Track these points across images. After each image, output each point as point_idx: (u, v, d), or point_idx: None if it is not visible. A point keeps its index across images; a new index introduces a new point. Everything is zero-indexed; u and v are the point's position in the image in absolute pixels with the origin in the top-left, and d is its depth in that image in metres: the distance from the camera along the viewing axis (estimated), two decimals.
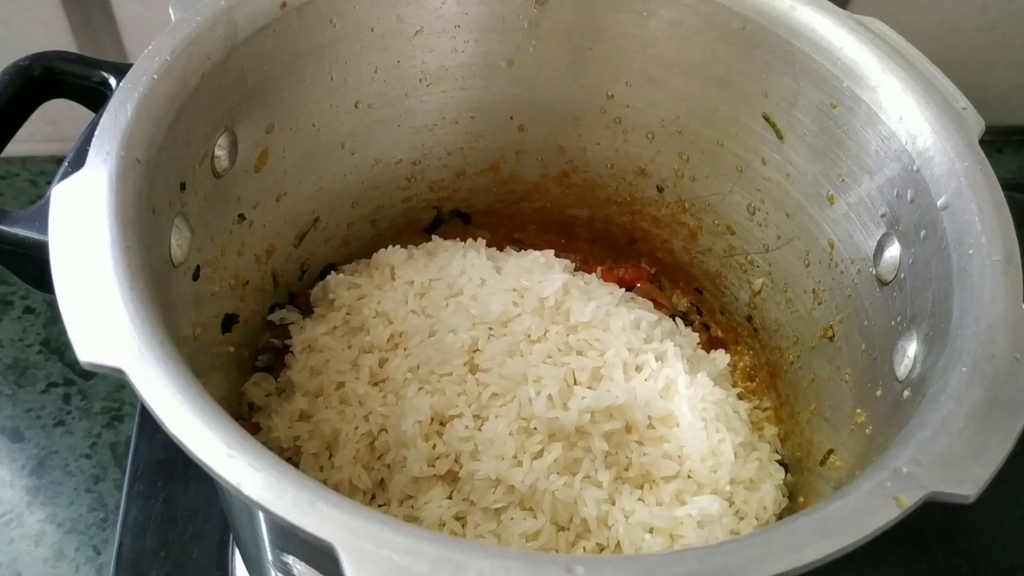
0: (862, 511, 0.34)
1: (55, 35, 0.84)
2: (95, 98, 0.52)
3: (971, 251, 0.44)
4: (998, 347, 0.39)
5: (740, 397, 0.64)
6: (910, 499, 0.34)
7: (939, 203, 0.46)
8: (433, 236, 0.68)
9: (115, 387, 0.79)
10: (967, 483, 0.35)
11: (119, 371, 0.35)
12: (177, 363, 0.36)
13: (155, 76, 0.45)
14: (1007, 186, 0.79)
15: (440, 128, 0.65)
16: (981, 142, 1.01)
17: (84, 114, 0.53)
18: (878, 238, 0.52)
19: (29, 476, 0.75)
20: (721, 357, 0.63)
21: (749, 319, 0.66)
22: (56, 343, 0.82)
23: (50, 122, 0.85)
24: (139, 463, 0.71)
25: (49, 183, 0.90)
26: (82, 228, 0.39)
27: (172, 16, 0.48)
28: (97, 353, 0.36)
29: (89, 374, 0.80)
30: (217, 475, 0.33)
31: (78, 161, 0.43)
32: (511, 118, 0.66)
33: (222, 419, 0.35)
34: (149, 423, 0.73)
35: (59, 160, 0.90)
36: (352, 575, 0.31)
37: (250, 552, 0.54)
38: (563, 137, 0.67)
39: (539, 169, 0.69)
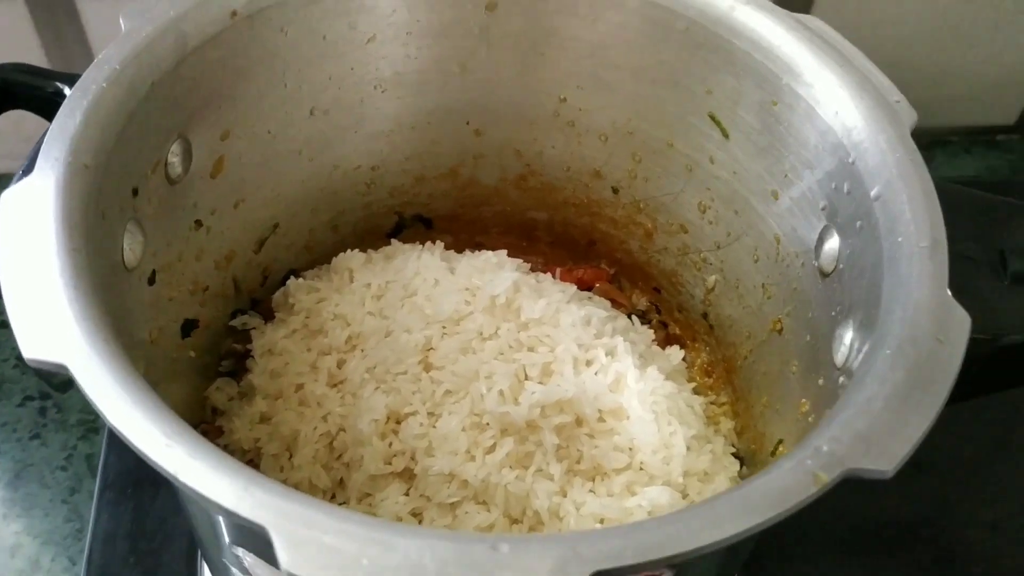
0: (782, 488, 0.35)
1: (25, 49, 0.85)
2: (51, 109, 0.53)
3: (900, 239, 0.45)
4: (921, 330, 0.41)
5: (698, 392, 0.65)
6: (829, 475, 0.36)
7: (872, 194, 0.48)
8: (393, 241, 0.69)
9: None
10: (885, 459, 0.36)
11: (62, 367, 0.37)
12: (120, 359, 0.38)
13: (104, 84, 0.46)
14: (974, 184, 0.81)
15: (397, 134, 0.66)
16: (949, 142, 1.03)
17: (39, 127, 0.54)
18: (819, 231, 0.53)
19: (5, 489, 0.75)
20: (675, 353, 0.64)
21: (705, 316, 0.67)
22: None
23: (25, 139, 0.86)
24: (109, 472, 0.72)
25: None
26: (29, 231, 0.40)
27: (122, 26, 0.50)
28: (41, 349, 0.37)
29: (65, 387, 0.81)
30: (155, 463, 0.34)
31: (31, 169, 0.44)
32: (467, 123, 0.67)
33: (161, 411, 0.36)
34: None
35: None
36: (283, 556, 0.32)
37: (209, 551, 0.55)
38: (519, 141, 0.68)
39: (498, 173, 0.70)
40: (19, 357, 0.82)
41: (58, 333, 0.38)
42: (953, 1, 0.93)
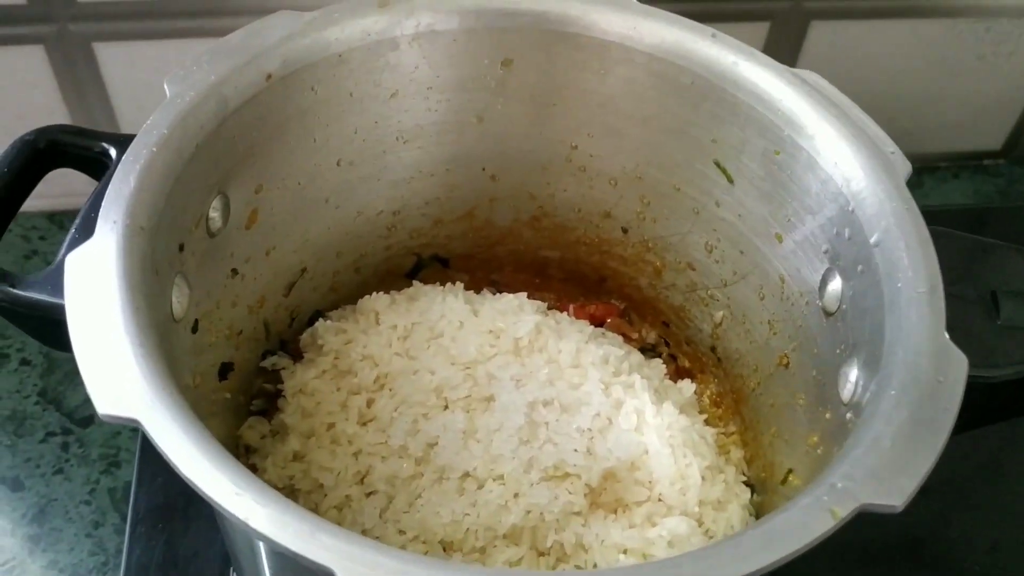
0: (801, 523, 0.38)
1: (44, 94, 0.88)
2: (96, 167, 0.56)
3: (900, 284, 0.48)
4: (923, 371, 0.44)
5: (707, 423, 0.68)
6: (844, 511, 0.39)
7: (872, 240, 0.51)
8: (415, 281, 0.72)
9: (111, 434, 0.82)
10: (895, 495, 0.39)
11: (135, 421, 0.39)
12: (184, 411, 0.40)
13: (154, 149, 0.49)
14: (965, 210, 0.84)
15: (417, 181, 0.69)
16: (938, 167, 1.06)
17: (70, 173, 0.58)
18: (822, 273, 0.56)
19: (30, 524, 0.77)
20: (687, 386, 0.67)
21: (713, 349, 0.70)
22: (53, 393, 0.85)
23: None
24: (140, 507, 0.74)
25: (41, 238, 0.94)
26: (94, 292, 0.43)
27: (167, 91, 0.53)
28: (114, 406, 0.40)
29: (86, 422, 0.83)
30: (227, 512, 0.37)
31: (84, 228, 0.47)
32: (483, 169, 0.70)
33: (228, 461, 0.39)
34: (148, 468, 0.75)
35: (48, 215, 0.95)
36: None
37: None
38: (533, 185, 0.71)
39: (512, 215, 0.74)
40: (40, 393, 0.85)
41: (128, 389, 0.40)
42: (939, 34, 0.97)
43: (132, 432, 0.81)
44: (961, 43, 0.98)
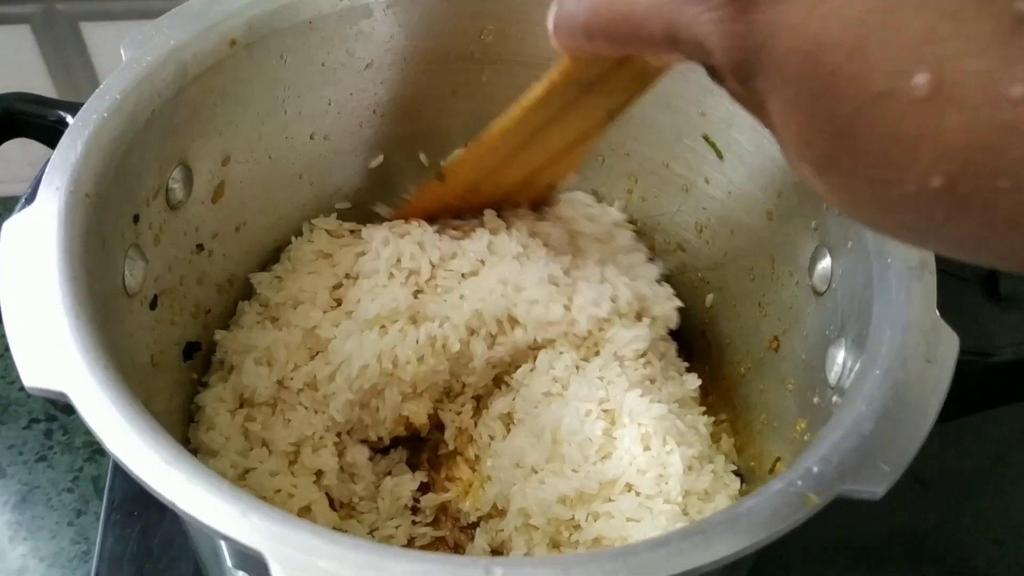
0: (773, 510, 0.36)
1: (31, 75, 0.87)
2: (54, 136, 0.54)
3: (889, 259, 0.45)
4: (910, 350, 0.41)
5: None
6: (820, 497, 0.36)
7: None
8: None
9: None
10: (875, 481, 0.37)
11: (62, 395, 0.37)
12: (119, 387, 0.38)
13: (105, 114, 0.47)
14: None
15: (397, 156, 0.67)
16: None
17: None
18: (812, 250, 0.54)
19: (11, 511, 0.75)
20: (692, 380, 0.63)
21: (703, 334, 0.68)
22: None
23: (30, 163, 0.87)
24: (116, 495, 0.72)
25: None
26: (30, 260, 0.41)
27: (123, 56, 0.50)
28: (41, 378, 0.38)
29: (71, 410, 0.81)
30: (153, 490, 0.35)
31: (33, 197, 0.45)
32: (465, 146, 0.67)
33: (161, 438, 0.37)
34: None
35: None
36: None
37: (212, 574, 0.55)
38: None
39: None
40: None
41: (58, 361, 0.38)
42: None
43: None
44: None
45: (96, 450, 0.79)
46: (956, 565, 0.70)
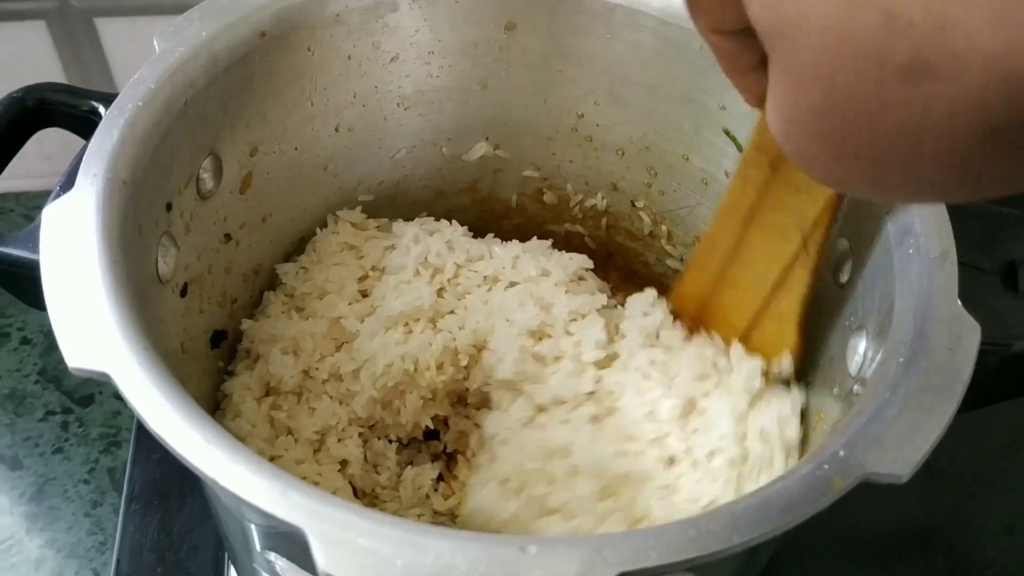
0: (801, 493, 0.36)
1: (46, 69, 0.88)
2: (86, 127, 0.55)
3: (911, 250, 0.46)
4: (932, 339, 0.42)
5: None
6: (845, 480, 0.37)
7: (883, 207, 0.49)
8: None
9: (112, 414, 0.82)
10: (900, 464, 0.37)
11: (105, 375, 0.38)
12: (159, 367, 0.39)
13: (140, 103, 0.48)
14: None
15: (419, 150, 0.68)
16: None
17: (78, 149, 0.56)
18: (832, 241, 0.54)
19: (28, 503, 0.76)
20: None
21: None
22: (53, 372, 0.84)
23: (47, 156, 0.88)
24: (135, 483, 0.73)
25: (37, 208, 0.93)
26: (70, 245, 0.42)
27: (156, 47, 0.51)
28: (84, 359, 0.38)
29: (86, 402, 0.82)
30: (195, 468, 0.36)
31: (68, 185, 0.45)
32: (487, 139, 0.68)
33: (200, 417, 0.37)
34: (145, 444, 0.75)
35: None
36: (320, 558, 0.33)
37: (240, 558, 0.56)
38: (537, 156, 0.70)
39: (516, 187, 0.72)
40: (40, 372, 0.84)
41: (100, 343, 0.39)
42: None
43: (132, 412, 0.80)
44: None
45: (112, 442, 0.80)
46: (966, 555, 0.71)
